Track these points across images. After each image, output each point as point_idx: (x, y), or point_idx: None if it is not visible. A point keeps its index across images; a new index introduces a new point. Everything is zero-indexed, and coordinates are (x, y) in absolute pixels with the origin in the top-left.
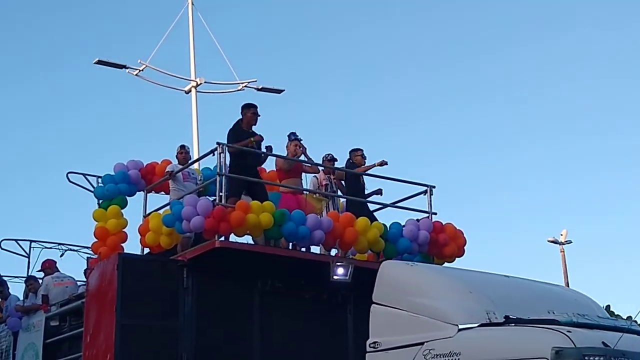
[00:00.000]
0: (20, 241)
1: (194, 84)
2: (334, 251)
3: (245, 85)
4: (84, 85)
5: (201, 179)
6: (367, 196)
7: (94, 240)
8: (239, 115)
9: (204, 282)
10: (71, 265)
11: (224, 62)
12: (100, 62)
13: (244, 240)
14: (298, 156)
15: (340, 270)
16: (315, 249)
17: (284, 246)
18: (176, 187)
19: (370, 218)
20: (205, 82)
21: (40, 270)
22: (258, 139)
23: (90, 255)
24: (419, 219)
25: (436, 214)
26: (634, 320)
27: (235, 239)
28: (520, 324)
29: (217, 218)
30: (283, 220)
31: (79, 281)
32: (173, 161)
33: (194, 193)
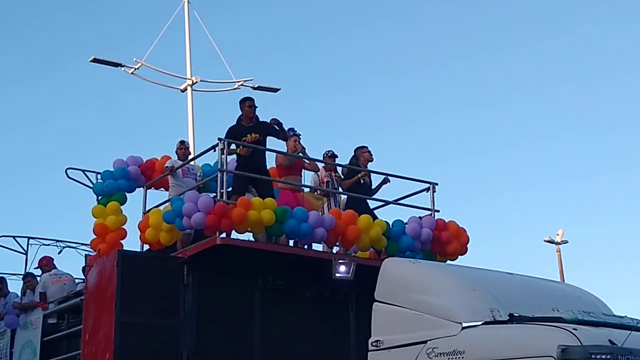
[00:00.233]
0: (18, 238)
1: (190, 82)
2: (335, 249)
3: (241, 84)
4: (81, 84)
5: (201, 175)
6: (375, 189)
7: (92, 237)
8: (235, 114)
9: (204, 279)
10: (69, 262)
11: (220, 61)
12: (95, 61)
13: (245, 237)
14: (298, 152)
15: (343, 268)
16: (317, 246)
17: (285, 243)
18: (175, 183)
19: (371, 216)
20: (201, 81)
21: (37, 267)
22: (255, 138)
23: (88, 252)
24: (421, 217)
25: (439, 211)
26: None
27: (236, 235)
28: (525, 322)
29: (219, 215)
30: (285, 217)
31: (77, 278)
32: (172, 157)
33: (194, 189)
